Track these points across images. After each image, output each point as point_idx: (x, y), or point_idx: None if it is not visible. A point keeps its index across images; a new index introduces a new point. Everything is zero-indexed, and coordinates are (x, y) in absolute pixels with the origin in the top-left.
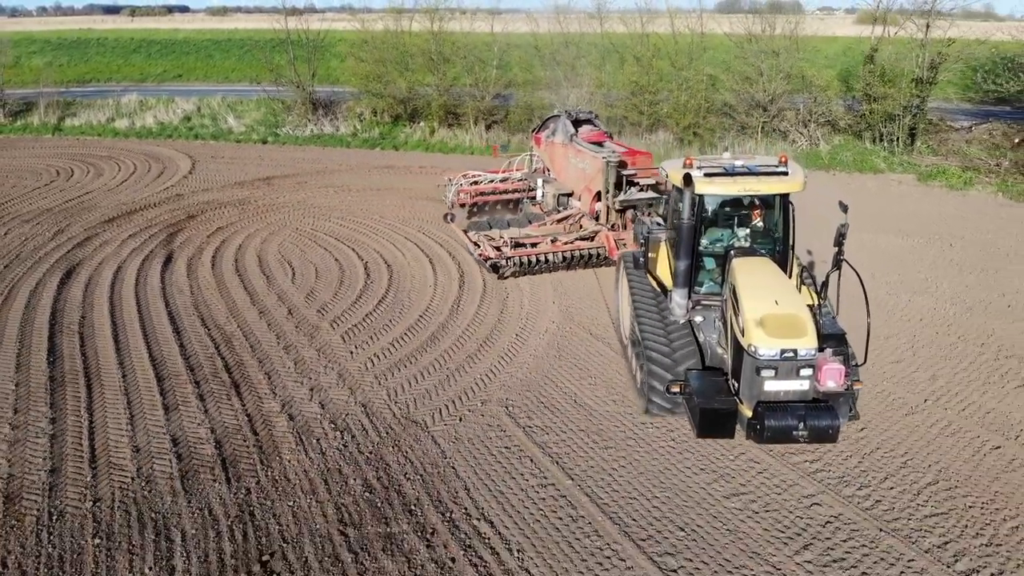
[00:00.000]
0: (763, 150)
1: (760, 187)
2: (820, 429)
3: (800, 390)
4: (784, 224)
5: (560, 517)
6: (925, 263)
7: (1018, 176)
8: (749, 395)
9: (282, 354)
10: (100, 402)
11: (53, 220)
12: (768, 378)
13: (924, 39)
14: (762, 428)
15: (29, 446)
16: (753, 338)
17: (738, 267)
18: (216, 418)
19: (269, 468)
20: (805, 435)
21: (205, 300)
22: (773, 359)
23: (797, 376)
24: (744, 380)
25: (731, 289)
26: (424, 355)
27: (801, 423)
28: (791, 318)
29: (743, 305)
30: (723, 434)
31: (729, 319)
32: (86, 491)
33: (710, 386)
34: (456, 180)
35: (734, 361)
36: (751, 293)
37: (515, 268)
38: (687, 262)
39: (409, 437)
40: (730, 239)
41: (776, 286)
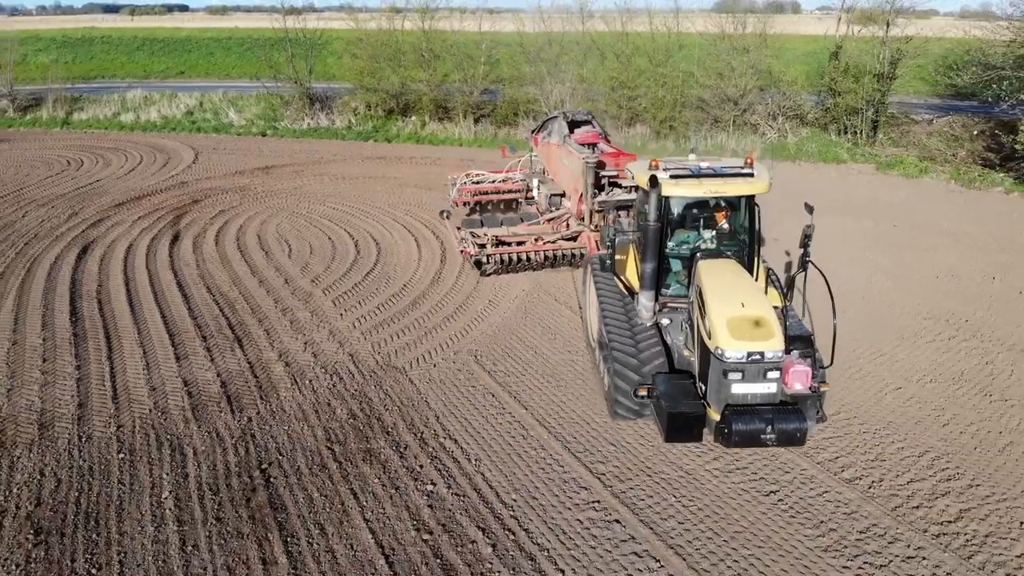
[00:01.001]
0: (734, 143)
1: (726, 189)
2: (788, 432)
3: (767, 392)
4: (750, 225)
5: (513, 436)
6: (869, 242)
7: (972, 165)
8: (716, 398)
9: (279, 315)
10: (119, 353)
11: (67, 204)
12: (735, 381)
13: (884, 37)
14: (730, 432)
15: (58, 387)
16: (720, 341)
17: (704, 269)
18: (221, 365)
19: (268, 402)
20: (773, 438)
21: (210, 272)
22: (740, 361)
23: (764, 379)
24: (711, 383)
25: (697, 291)
26: (405, 317)
27: (769, 426)
28: (757, 320)
29: (709, 308)
30: (690, 438)
31: (696, 322)
32: (110, 420)
33: (677, 389)
34: (459, 179)
35: (701, 364)
36: (717, 295)
37: (497, 266)
38: (653, 264)
39: (389, 379)
40: (696, 241)
41: (742, 288)
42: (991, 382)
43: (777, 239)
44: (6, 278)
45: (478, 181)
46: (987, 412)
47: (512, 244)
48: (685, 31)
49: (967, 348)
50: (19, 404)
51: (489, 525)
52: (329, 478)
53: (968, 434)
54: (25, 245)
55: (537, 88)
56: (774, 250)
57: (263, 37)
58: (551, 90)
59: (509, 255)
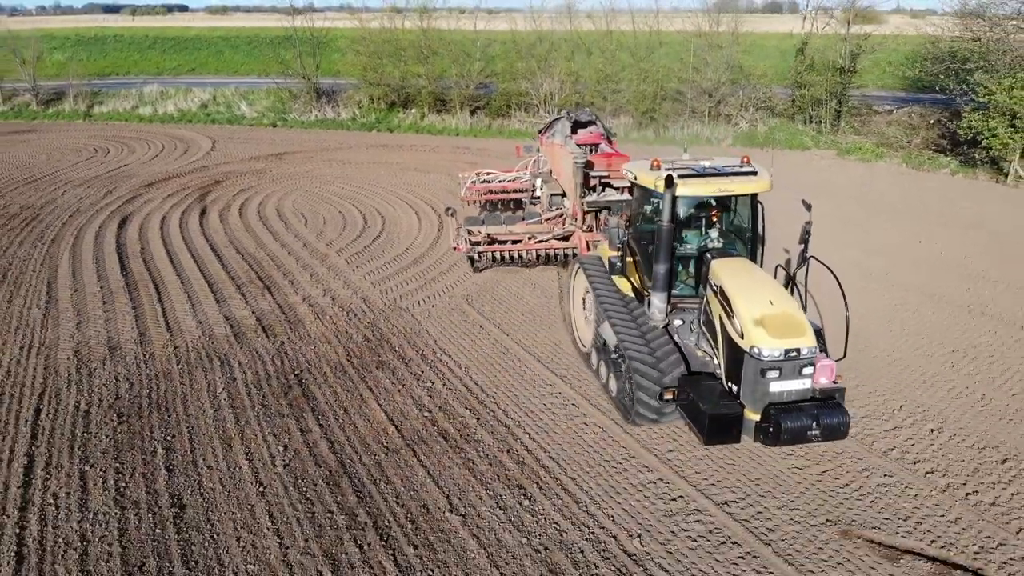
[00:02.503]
0: (708, 132)
1: (734, 187)
2: (832, 427)
3: (802, 389)
4: (754, 223)
5: (495, 352)
6: (815, 217)
7: (925, 151)
8: (753, 398)
9: (300, 270)
10: (167, 297)
11: (101, 184)
12: (773, 379)
13: (846, 34)
14: (779, 431)
15: (119, 321)
16: (755, 339)
17: (720, 269)
18: (255, 305)
19: (296, 331)
20: (818, 434)
21: (237, 237)
22: (777, 360)
23: (799, 375)
24: (746, 383)
25: (718, 291)
26: (408, 271)
27: (815, 422)
28: (789, 317)
29: (737, 307)
30: (730, 439)
31: (717, 322)
32: (167, 343)
33: (709, 391)
34: (469, 177)
35: (730, 364)
36: (743, 295)
37: (489, 262)
38: (667, 265)
39: (395, 315)
40: (703, 241)
41: (764, 286)
42: (894, 317)
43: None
44: (58, 243)
45: (487, 180)
46: (892, 341)
47: (507, 242)
48: (665, 30)
49: (881, 292)
50: (88, 333)
51: (474, 406)
52: (349, 379)
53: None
54: (69, 217)
55: (528, 82)
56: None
57: (270, 36)
58: (541, 84)
59: (501, 253)
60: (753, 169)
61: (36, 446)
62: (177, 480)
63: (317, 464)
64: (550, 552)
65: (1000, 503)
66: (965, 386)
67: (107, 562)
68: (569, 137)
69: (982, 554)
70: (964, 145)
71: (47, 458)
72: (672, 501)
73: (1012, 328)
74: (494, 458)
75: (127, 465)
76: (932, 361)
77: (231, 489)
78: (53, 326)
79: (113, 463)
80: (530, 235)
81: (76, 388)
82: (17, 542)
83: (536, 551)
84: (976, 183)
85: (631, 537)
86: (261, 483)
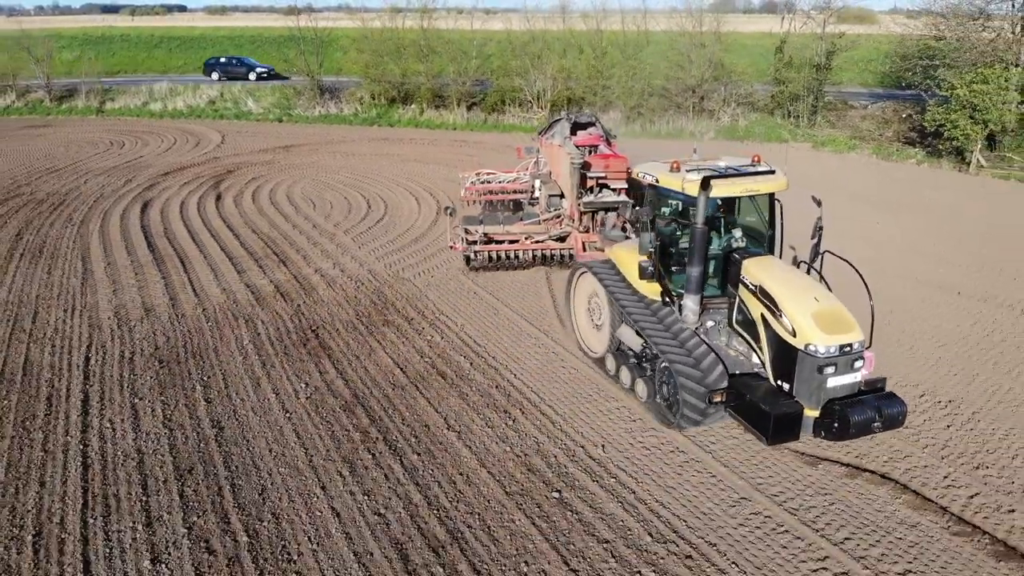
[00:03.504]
0: (692, 127)
1: (758, 186)
2: (892, 416)
3: (854, 382)
4: (772, 221)
5: (488, 314)
6: (788, 201)
7: (895, 143)
8: (810, 394)
9: (311, 247)
10: (192, 268)
11: (120, 174)
12: (830, 375)
13: (822, 33)
14: (846, 425)
15: (151, 288)
16: (810, 337)
17: (755, 268)
18: (272, 276)
19: (310, 296)
20: (880, 425)
21: (251, 220)
22: (833, 356)
23: (852, 369)
24: (801, 381)
25: (757, 290)
26: (409, 248)
27: (877, 414)
28: (837, 313)
29: (785, 306)
30: (791, 437)
31: (759, 321)
32: (196, 306)
33: (765, 391)
34: (468, 177)
35: (778, 363)
36: (787, 293)
37: (484, 262)
38: (701, 267)
39: (398, 283)
40: (725, 240)
41: (804, 283)
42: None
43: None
44: (86, 224)
45: (487, 181)
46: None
47: (503, 242)
48: (653, 29)
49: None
50: (124, 298)
51: (468, 354)
52: (359, 334)
53: None
54: (95, 202)
55: (522, 79)
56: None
57: (273, 36)
58: (534, 80)
59: (497, 253)
60: (771, 168)
61: (89, 385)
62: (215, 409)
63: (334, 396)
64: (529, 457)
65: (912, 427)
66: (897, 338)
67: (161, 468)
68: (568, 138)
69: (890, 463)
70: (930, 137)
71: (100, 395)
72: (632, 422)
73: (950, 294)
74: (484, 391)
75: (171, 399)
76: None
77: (262, 415)
78: (91, 293)
79: (159, 397)
80: (527, 235)
81: (119, 341)
82: (82, 455)
83: (518, 456)
84: (940, 172)
85: (596, 446)
86: (287, 410)
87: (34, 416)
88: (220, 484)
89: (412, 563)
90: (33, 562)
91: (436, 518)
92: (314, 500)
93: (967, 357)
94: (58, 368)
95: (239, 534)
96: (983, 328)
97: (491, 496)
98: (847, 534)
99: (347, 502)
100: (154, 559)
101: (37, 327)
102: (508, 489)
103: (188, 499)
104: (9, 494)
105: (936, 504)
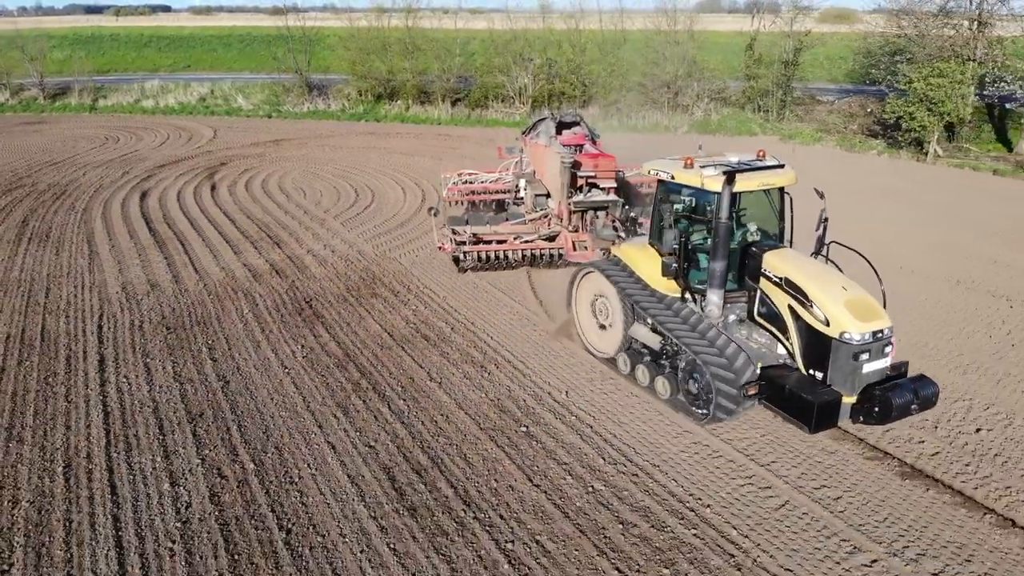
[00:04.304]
0: (667, 121)
1: (773, 180)
2: (927, 398)
3: (884, 367)
4: (782, 214)
5: (468, 287)
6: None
7: (859, 135)
8: (845, 381)
9: (303, 231)
10: (192, 250)
11: (118, 166)
12: (865, 361)
13: (790, 31)
14: (888, 408)
15: (154, 267)
16: (845, 325)
17: (777, 261)
18: (267, 256)
19: (303, 273)
20: (917, 407)
21: (246, 207)
22: (868, 343)
23: (883, 355)
24: (837, 369)
25: (782, 282)
26: (395, 232)
27: (915, 396)
28: (866, 301)
29: (817, 297)
30: (831, 424)
31: (786, 312)
32: (198, 282)
33: (802, 381)
34: (451, 178)
35: (810, 352)
36: (817, 284)
37: (474, 262)
38: (725, 262)
39: (385, 262)
40: (741, 234)
41: (829, 274)
42: None
43: None
44: (88, 211)
45: (469, 181)
46: None
47: (492, 242)
48: (629, 28)
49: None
50: (129, 276)
51: (449, 320)
52: (350, 304)
53: None
54: (95, 192)
55: (504, 76)
56: None
57: (261, 35)
58: (516, 77)
59: (487, 253)
60: (781, 163)
61: (104, 348)
62: (220, 367)
63: (328, 355)
64: (502, 401)
65: None
66: None
67: (174, 413)
68: (554, 137)
69: None
70: (890, 129)
71: (115, 355)
72: (593, 373)
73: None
74: (463, 351)
75: (179, 358)
76: None
77: (263, 371)
78: (99, 271)
79: (168, 357)
80: (516, 235)
81: (128, 311)
82: (102, 404)
83: (491, 401)
84: (899, 162)
85: (561, 392)
86: (286, 367)
87: (55, 373)
88: (228, 425)
89: (398, 482)
90: (65, 488)
91: (419, 448)
92: (312, 436)
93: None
94: (74, 334)
95: (247, 463)
96: (929, 299)
97: (467, 431)
98: (774, 458)
99: (341, 437)
100: (173, 483)
101: (51, 301)
102: (482, 425)
103: (200, 437)
104: (38, 435)
105: (854, 436)
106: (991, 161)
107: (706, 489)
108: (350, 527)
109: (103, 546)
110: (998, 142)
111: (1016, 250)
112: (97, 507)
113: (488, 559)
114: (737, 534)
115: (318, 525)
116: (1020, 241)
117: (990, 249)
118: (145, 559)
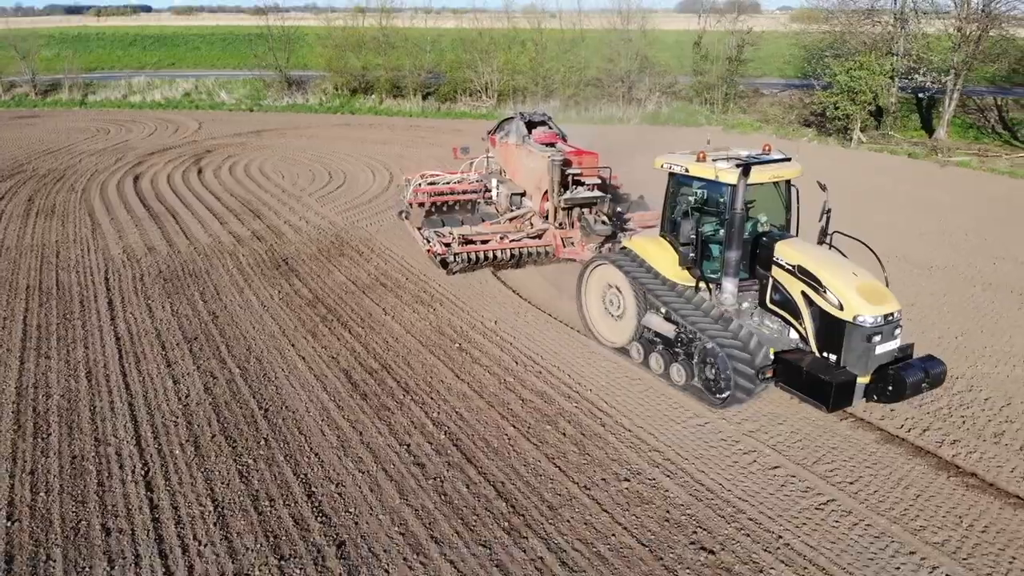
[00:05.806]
0: (621, 113)
1: (783, 173)
2: (937, 376)
3: (894, 348)
4: (789, 205)
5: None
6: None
7: (795, 125)
8: (859, 362)
9: (281, 205)
10: (182, 221)
11: (110, 154)
12: (878, 343)
13: (733, 29)
14: (902, 386)
15: (150, 235)
16: (858, 309)
17: (789, 250)
18: (249, 226)
19: (281, 239)
20: (928, 385)
21: (229, 188)
22: (880, 325)
23: (893, 337)
24: (851, 350)
25: (795, 270)
26: (365, 207)
27: (925, 375)
28: (876, 285)
29: (831, 283)
30: (848, 403)
31: (800, 299)
32: (189, 246)
33: (817, 363)
34: (414, 180)
35: (823, 336)
36: (829, 271)
37: (463, 264)
38: (740, 252)
39: (354, 230)
40: (752, 225)
41: (839, 261)
42: None
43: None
44: (87, 192)
45: (433, 182)
46: None
47: (478, 243)
48: (587, 27)
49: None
50: (128, 241)
51: (405, 273)
52: (321, 262)
53: None
54: (91, 176)
55: (472, 71)
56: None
57: (242, 33)
58: (482, 72)
59: (476, 254)
60: (788, 156)
61: (111, 294)
62: (210, 306)
63: (300, 298)
64: (442, 328)
65: None
66: None
67: (173, 337)
68: (528, 136)
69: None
70: (819, 117)
71: (121, 299)
72: (519, 308)
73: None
74: (415, 294)
75: (175, 301)
76: None
77: (246, 309)
78: (101, 238)
79: (167, 300)
80: (501, 235)
81: (130, 267)
82: (114, 332)
83: (432, 327)
84: (826, 148)
85: (491, 322)
86: (265, 306)
87: (72, 312)
88: (218, 345)
89: (354, 379)
90: (88, 386)
91: (372, 358)
92: (286, 351)
93: None
94: (84, 284)
95: (233, 369)
96: None
97: (411, 347)
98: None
99: (309, 351)
100: (175, 381)
101: (61, 261)
102: (424, 343)
103: (196, 353)
104: (62, 353)
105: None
106: (909, 146)
107: (591, 379)
108: (314, 407)
109: (121, 420)
110: (922, 129)
111: (897, 215)
112: (115, 397)
113: (418, 423)
114: (604, 404)
115: (289, 406)
116: (901, 209)
117: (878, 216)
118: (155, 427)
